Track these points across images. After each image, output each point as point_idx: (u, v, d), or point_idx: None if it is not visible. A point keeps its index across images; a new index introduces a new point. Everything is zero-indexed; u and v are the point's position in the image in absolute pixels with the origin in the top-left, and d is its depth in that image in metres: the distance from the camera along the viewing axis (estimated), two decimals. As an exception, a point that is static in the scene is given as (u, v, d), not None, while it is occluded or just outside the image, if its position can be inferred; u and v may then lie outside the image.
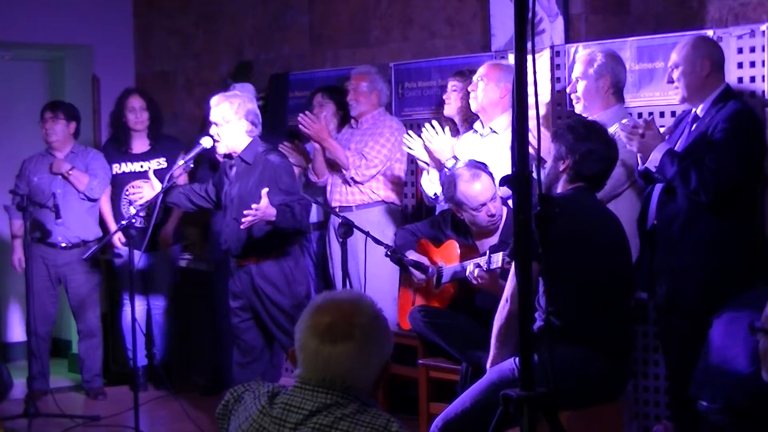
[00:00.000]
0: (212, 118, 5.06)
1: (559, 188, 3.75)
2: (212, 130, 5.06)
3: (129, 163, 6.49)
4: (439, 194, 5.06)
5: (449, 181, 4.61)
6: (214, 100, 5.10)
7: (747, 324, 3.67)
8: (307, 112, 5.71)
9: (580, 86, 4.59)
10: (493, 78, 4.92)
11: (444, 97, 5.35)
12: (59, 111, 6.36)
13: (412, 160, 5.52)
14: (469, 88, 5.02)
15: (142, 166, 6.47)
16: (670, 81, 4.32)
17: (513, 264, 3.57)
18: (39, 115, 6.41)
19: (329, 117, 5.92)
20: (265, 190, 4.77)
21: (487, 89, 4.92)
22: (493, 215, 4.57)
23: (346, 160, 5.60)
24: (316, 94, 6.04)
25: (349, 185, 5.65)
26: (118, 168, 6.49)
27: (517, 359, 3.43)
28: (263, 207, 4.75)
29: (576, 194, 3.70)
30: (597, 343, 3.58)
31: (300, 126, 5.64)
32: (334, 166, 5.72)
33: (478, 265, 4.42)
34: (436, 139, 4.93)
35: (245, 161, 5.04)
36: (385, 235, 5.27)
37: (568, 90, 4.74)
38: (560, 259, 3.17)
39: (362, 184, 5.62)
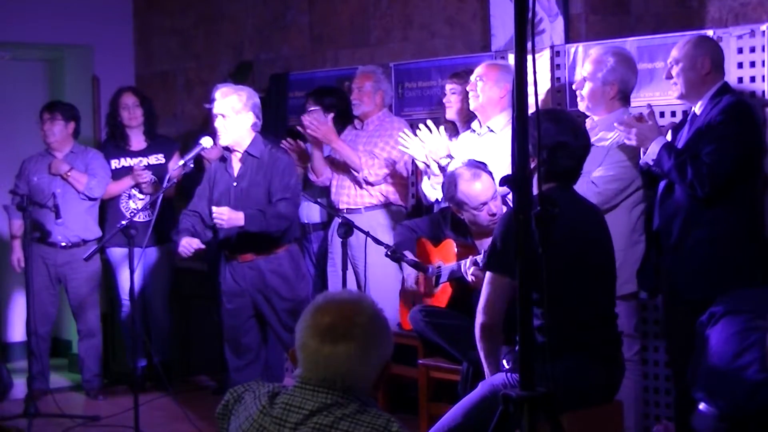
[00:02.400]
0: (219, 110, 5.07)
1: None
2: (218, 121, 5.07)
3: (128, 158, 6.50)
4: (440, 199, 5.05)
5: (449, 181, 4.61)
6: (222, 92, 5.12)
7: (750, 324, 3.69)
8: (314, 115, 5.71)
9: (586, 87, 4.55)
10: (492, 78, 4.92)
11: (444, 100, 5.34)
12: (57, 112, 6.36)
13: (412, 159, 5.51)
14: (467, 88, 5.02)
15: (141, 161, 6.48)
16: (669, 77, 4.32)
17: (486, 275, 3.54)
18: (38, 115, 6.41)
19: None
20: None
21: (485, 88, 4.91)
22: (494, 214, 4.56)
23: (358, 160, 5.56)
24: (309, 98, 6.05)
25: (361, 186, 5.62)
26: (117, 163, 6.50)
27: (509, 373, 3.44)
28: (228, 215, 4.93)
29: (552, 194, 3.40)
30: (585, 351, 3.51)
31: (308, 131, 5.62)
32: (340, 167, 5.71)
33: (474, 262, 4.42)
34: (430, 138, 4.92)
35: (253, 155, 5.08)
36: (391, 237, 5.26)
37: (574, 87, 4.70)
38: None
39: (373, 185, 5.60)
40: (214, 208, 4.97)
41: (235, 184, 5.14)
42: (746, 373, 3.63)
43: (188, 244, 5.04)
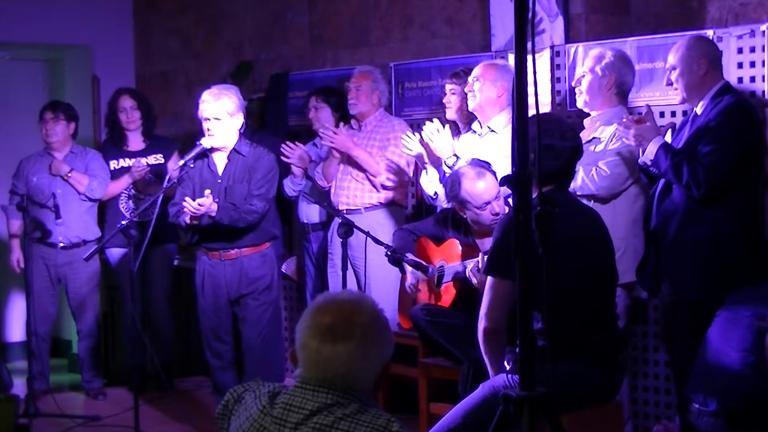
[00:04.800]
0: (213, 113, 5.08)
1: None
2: (212, 125, 5.08)
3: (127, 159, 6.50)
4: (439, 193, 5.05)
5: (453, 180, 4.60)
6: (212, 95, 5.13)
7: (745, 322, 3.69)
8: (327, 126, 5.72)
9: (585, 81, 4.61)
10: (489, 77, 4.92)
11: (444, 101, 5.34)
12: (60, 111, 6.36)
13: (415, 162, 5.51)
14: (465, 89, 5.02)
15: (140, 161, 6.47)
16: (669, 83, 4.34)
17: (488, 279, 3.52)
18: (38, 115, 6.40)
19: (326, 120, 5.90)
20: (207, 192, 5.00)
21: (483, 89, 4.92)
22: (497, 214, 4.56)
23: (377, 166, 5.55)
24: (311, 97, 6.04)
25: (378, 190, 5.62)
26: (116, 164, 6.50)
27: (510, 375, 3.45)
28: (207, 204, 4.95)
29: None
30: (586, 354, 3.51)
31: (323, 142, 5.65)
32: (342, 168, 5.71)
33: (478, 266, 4.41)
34: (436, 137, 4.93)
35: (240, 153, 5.14)
36: (391, 237, 5.25)
37: (573, 83, 4.75)
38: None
39: (388, 189, 5.61)
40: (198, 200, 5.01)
41: (219, 181, 5.17)
42: (731, 365, 3.64)
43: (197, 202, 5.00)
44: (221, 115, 5.09)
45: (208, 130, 5.12)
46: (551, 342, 2.85)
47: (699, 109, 4.26)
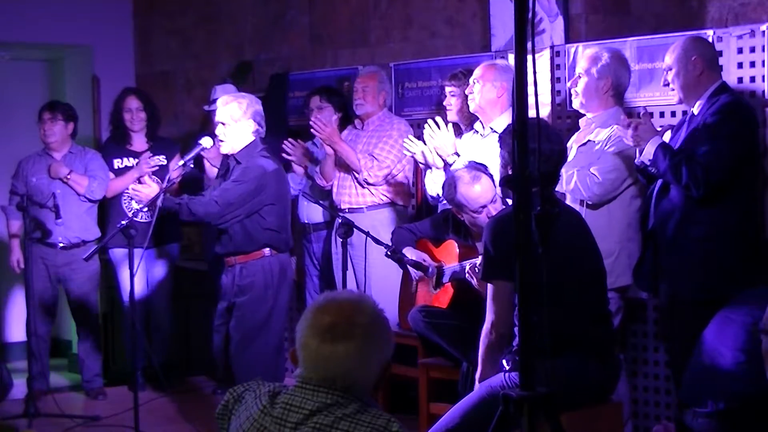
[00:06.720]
0: (219, 118, 5.03)
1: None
2: (218, 129, 5.03)
3: (130, 158, 6.49)
4: (440, 194, 5.06)
5: (449, 183, 4.60)
6: (222, 100, 5.08)
7: (739, 321, 3.69)
8: (318, 116, 5.71)
9: (581, 83, 4.60)
10: (489, 78, 4.92)
11: (444, 103, 5.35)
12: (58, 111, 6.34)
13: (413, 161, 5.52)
14: (466, 91, 5.03)
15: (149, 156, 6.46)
16: (666, 84, 4.35)
17: (489, 287, 3.54)
18: (37, 115, 6.39)
19: (328, 120, 5.90)
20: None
21: (483, 90, 4.92)
22: (493, 217, 4.56)
23: (358, 162, 5.58)
24: (313, 96, 6.02)
25: (362, 187, 5.64)
26: (119, 162, 6.49)
27: (507, 374, 3.46)
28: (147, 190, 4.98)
29: None
30: (581, 350, 3.54)
31: (312, 130, 5.64)
32: (342, 167, 5.71)
33: (475, 264, 4.42)
34: (437, 136, 4.94)
35: (238, 161, 5.02)
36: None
37: (568, 84, 4.75)
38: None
39: (375, 185, 5.61)
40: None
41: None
42: (725, 364, 3.64)
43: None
44: (226, 120, 5.01)
45: (215, 136, 5.07)
46: (548, 339, 2.86)
47: (696, 109, 4.27)
